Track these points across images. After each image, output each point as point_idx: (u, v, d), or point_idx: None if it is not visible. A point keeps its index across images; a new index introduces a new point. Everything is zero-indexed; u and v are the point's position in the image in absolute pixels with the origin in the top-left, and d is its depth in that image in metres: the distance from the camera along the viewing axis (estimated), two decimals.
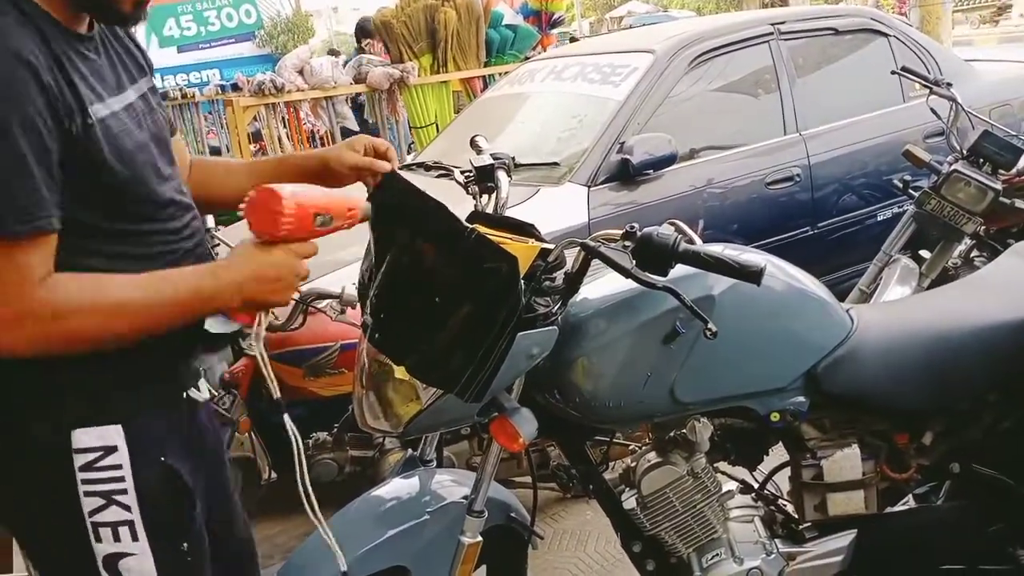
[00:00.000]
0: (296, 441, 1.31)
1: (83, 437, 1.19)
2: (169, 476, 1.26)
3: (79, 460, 1.19)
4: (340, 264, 2.60)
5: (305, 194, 1.26)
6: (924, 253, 3.12)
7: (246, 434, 2.46)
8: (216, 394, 1.55)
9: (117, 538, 1.21)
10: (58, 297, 1.09)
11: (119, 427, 1.21)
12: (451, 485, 1.68)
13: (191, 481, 1.30)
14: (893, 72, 3.41)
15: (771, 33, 3.62)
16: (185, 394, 1.34)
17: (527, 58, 5.79)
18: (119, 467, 1.20)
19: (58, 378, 1.18)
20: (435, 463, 1.88)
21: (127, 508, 1.21)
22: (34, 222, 1.06)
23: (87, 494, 1.19)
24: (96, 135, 1.13)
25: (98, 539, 1.21)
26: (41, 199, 1.07)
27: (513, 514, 1.70)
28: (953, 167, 2.88)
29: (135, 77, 1.31)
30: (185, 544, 1.29)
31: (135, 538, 1.22)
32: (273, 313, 2.45)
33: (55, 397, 1.19)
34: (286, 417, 1.32)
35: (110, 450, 1.20)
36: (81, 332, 1.12)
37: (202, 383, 1.39)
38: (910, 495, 1.76)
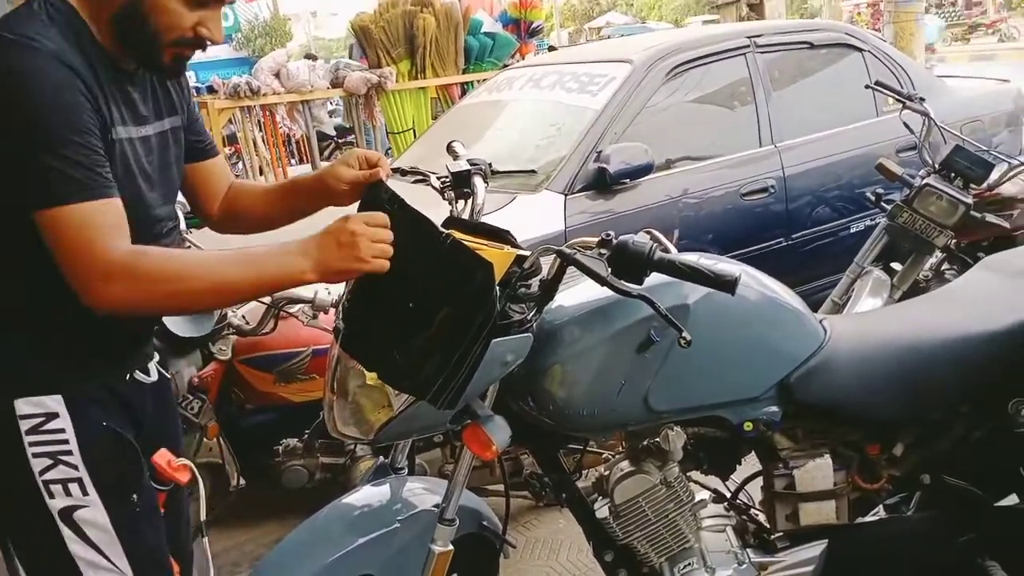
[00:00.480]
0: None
1: (24, 406, 1.31)
2: (113, 436, 1.38)
3: (24, 425, 1.31)
4: None
5: None
6: (896, 265, 3.15)
7: (214, 440, 2.42)
8: (168, 376, 1.62)
9: (68, 493, 1.33)
10: (141, 261, 1.22)
11: (59, 397, 1.32)
12: (422, 493, 1.66)
13: (136, 442, 1.41)
14: (867, 86, 3.45)
15: (747, 46, 3.65)
16: (129, 376, 1.45)
17: (505, 66, 5.80)
18: (62, 431, 1.32)
19: (4, 351, 1.32)
20: (406, 471, 1.86)
21: (74, 467, 1.33)
22: (105, 185, 1.22)
23: (35, 455, 1.31)
24: (113, 151, 1.28)
25: (51, 495, 1.33)
26: (105, 171, 1.23)
27: (485, 522, 1.69)
28: (925, 181, 2.91)
29: (163, 114, 1.44)
30: (135, 495, 1.40)
31: (85, 492, 1.34)
32: (244, 318, 2.43)
33: (1, 369, 1.32)
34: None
35: (51, 416, 1.32)
36: (162, 293, 1.24)
37: (152, 365, 1.52)
38: (881, 505, 1.77)
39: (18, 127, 1.18)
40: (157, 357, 1.56)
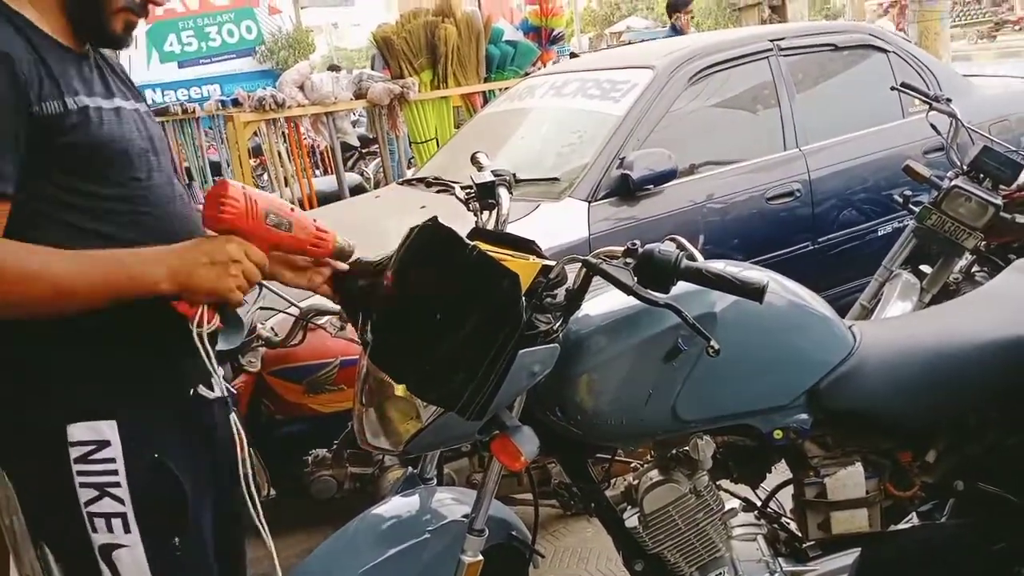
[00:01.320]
0: (240, 436, 1.32)
1: (76, 431, 1.25)
2: (163, 472, 1.31)
3: (74, 452, 1.25)
4: None
5: (261, 193, 1.27)
6: (925, 268, 3.12)
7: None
8: (233, 391, 1.57)
9: (111, 529, 1.28)
10: None
11: (112, 423, 1.26)
12: (451, 503, 1.67)
13: (190, 479, 1.34)
14: (892, 88, 3.42)
15: (770, 49, 3.63)
16: (192, 391, 1.39)
17: (527, 74, 5.81)
18: (112, 460, 1.27)
19: (56, 372, 1.25)
20: (435, 481, 1.87)
21: (120, 500, 1.27)
22: None
23: (82, 485, 1.26)
24: (73, 117, 1.23)
25: (94, 529, 1.27)
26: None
27: (514, 532, 1.69)
28: (953, 182, 2.88)
29: (127, 95, 1.40)
30: (177, 539, 1.33)
31: (127, 530, 1.28)
32: (273, 329, 2.45)
33: (53, 391, 1.26)
34: (232, 417, 1.33)
35: (103, 444, 1.26)
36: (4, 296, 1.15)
37: (215, 380, 1.40)
38: (914, 513, 1.75)
39: None
40: (222, 371, 1.44)
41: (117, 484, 1.27)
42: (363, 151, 8.35)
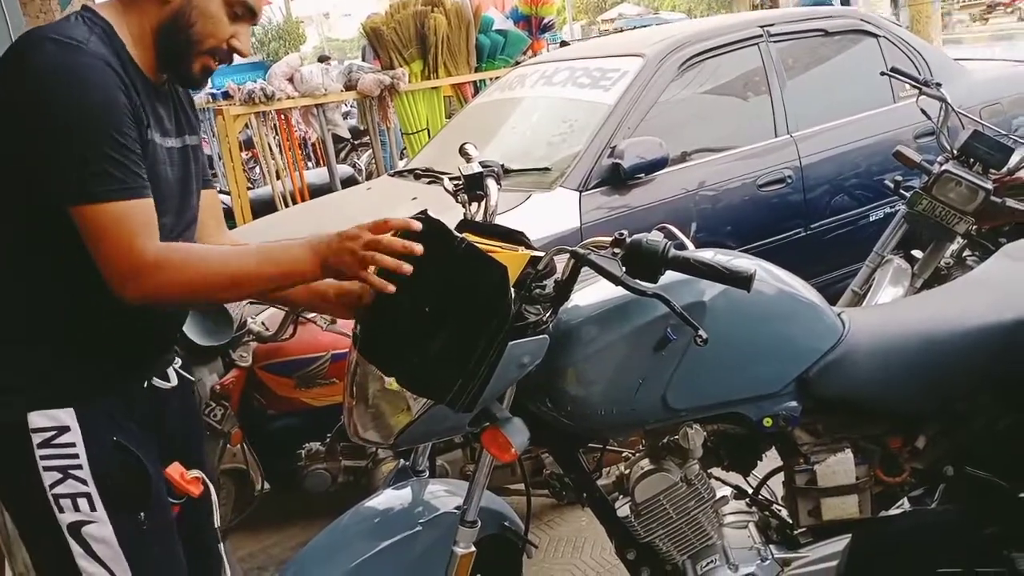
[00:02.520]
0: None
1: (37, 418, 1.33)
2: (122, 453, 1.38)
3: (36, 438, 1.33)
4: None
5: None
6: (916, 253, 3.12)
7: (238, 446, 2.44)
8: (191, 378, 1.64)
9: (77, 508, 1.34)
10: (170, 256, 1.28)
11: (70, 410, 1.34)
12: (444, 495, 1.67)
13: (148, 459, 1.41)
14: (883, 73, 3.41)
15: (760, 35, 3.62)
16: (146, 383, 1.48)
17: (518, 63, 5.79)
18: (72, 445, 1.34)
19: (17, 365, 1.35)
20: (428, 473, 1.87)
21: (83, 481, 1.34)
22: (142, 186, 1.27)
23: (46, 469, 1.33)
24: (146, 150, 1.33)
25: (60, 510, 1.34)
26: (142, 171, 1.28)
27: (507, 523, 1.69)
28: (944, 167, 2.88)
29: (184, 131, 1.50)
30: (142, 514, 1.40)
31: (93, 508, 1.35)
32: (263, 324, 2.45)
33: (13, 382, 1.34)
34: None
35: (63, 429, 1.33)
36: (189, 286, 1.30)
37: (171, 371, 1.54)
38: (904, 498, 1.75)
39: (65, 122, 1.22)
40: (179, 362, 1.58)
41: (79, 466, 1.34)
42: (355, 143, 8.33)
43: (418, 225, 1.30)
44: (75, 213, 1.25)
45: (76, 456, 1.34)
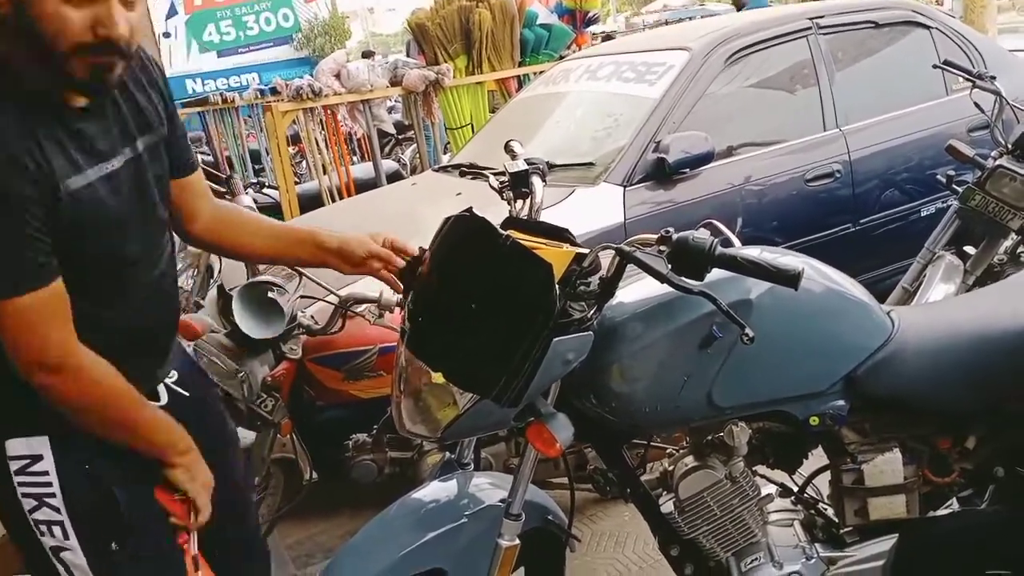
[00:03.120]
0: None
1: (15, 445, 1.33)
2: (94, 483, 1.37)
3: (13, 466, 1.34)
4: None
5: None
6: (969, 250, 3.06)
7: (287, 436, 2.50)
8: (184, 392, 1.59)
9: (53, 534, 1.35)
10: (91, 370, 1.28)
11: (44, 438, 1.34)
12: (489, 488, 1.69)
13: (126, 487, 1.40)
14: (935, 66, 3.34)
15: (809, 28, 3.57)
16: None
17: (562, 57, 5.78)
18: (46, 473, 1.34)
19: None
20: (472, 465, 1.89)
21: (56, 509, 1.35)
22: (36, 277, 1.21)
23: (23, 495, 1.34)
24: (65, 207, 1.23)
25: (41, 533, 1.36)
26: (44, 256, 1.21)
27: (550, 517, 1.71)
28: (998, 162, 2.83)
29: (133, 137, 1.37)
30: (114, 544, 1.39)
31: (67, 536, 1.35)
32: (313, 318, 2.50)
33: None
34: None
35: (36, 458, 1.34)
36: (86, 404, 1.30)
37: (161, 388, 1.51)
38: (953, 499, 1.73)
39: None
40: (175, 376, 1.55)
41: (52, 495, 1.34)
42: (399, 138, 8.40)
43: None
44: None
45: (50, 484, 1.34)
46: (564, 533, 1.71)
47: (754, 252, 1.38)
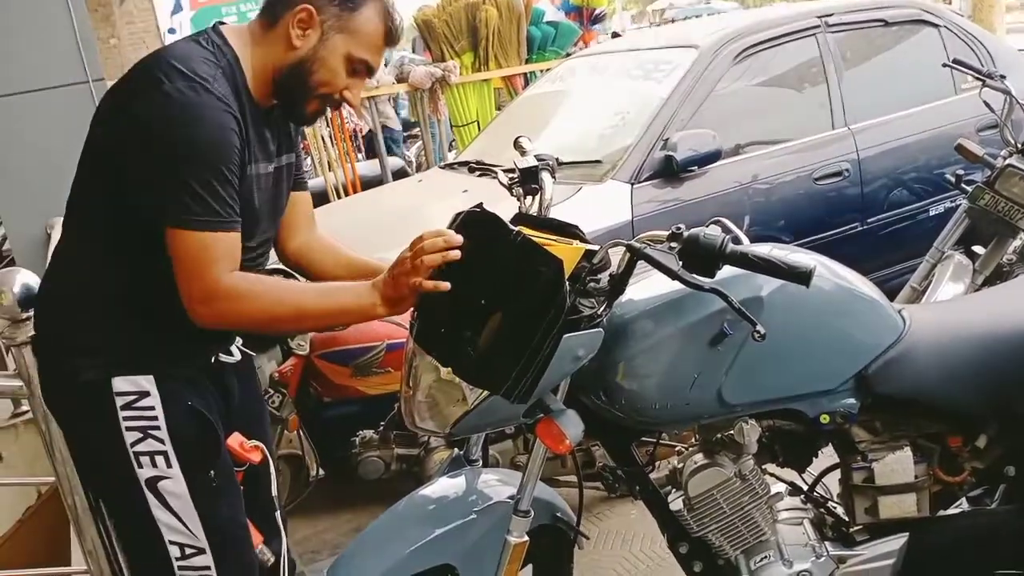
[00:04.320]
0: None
1: (121, 383, 1.45)
2: (196, 416, 1.50)
3: (119, 401, 1.45)
4: (383, 263, 2.63)
5: None
6: (978, 249, 3.05)
7: (295, 432, 2.50)
8: (251, 353, 1.77)
9: (155, 464, 1.47)
10: (240, 286, 1.38)
11: (151, 376, 1.46)
12: (497, 485, 1.69)
13: (218, 423, 1.54)
14: (944, 64, 3.33)
15: (818, 26, 3.56)
16: (214, 358, 1.61)
17: (568, 55, 5.77)
18: (152, 408, 1.46)
19: (104, 333, 1.46)
20: (481, 462, 1.89)
21: (160, 440, 1.46)
22: (229, 221, 1.37)
23: (128, 428, 1.45)
24: (247, 183, 1.44)
25: (139, 465, 1.46)
26: (233, 207, 1.38)
27: (559, 514, 1.70)
28: (1007, 161, 2.81)
29: (282, 151, 1.59)
30: (212, 472, 1.52)
31: (169, 464, 1.47)
32: None
33: (101, 349, 1.46)
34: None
35: (143, 394, 1.46)
36: (253, 316, 1.41)
37: (234, 348, 1.67)
38: (963, 498, 1.72)
39: (181, 154, 1.34)
40: (240, 340, 1.70)
41: (157, 427, 1.46)
42: (405, 135, 8.39)
43: (457, 239, 1.34)
44: (168, 233, 1.36)
45: (155, 418, 1.46)
46: (572, 530, 1.71)
47: (765, 249, 1.37)
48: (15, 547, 2.64)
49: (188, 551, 1.51)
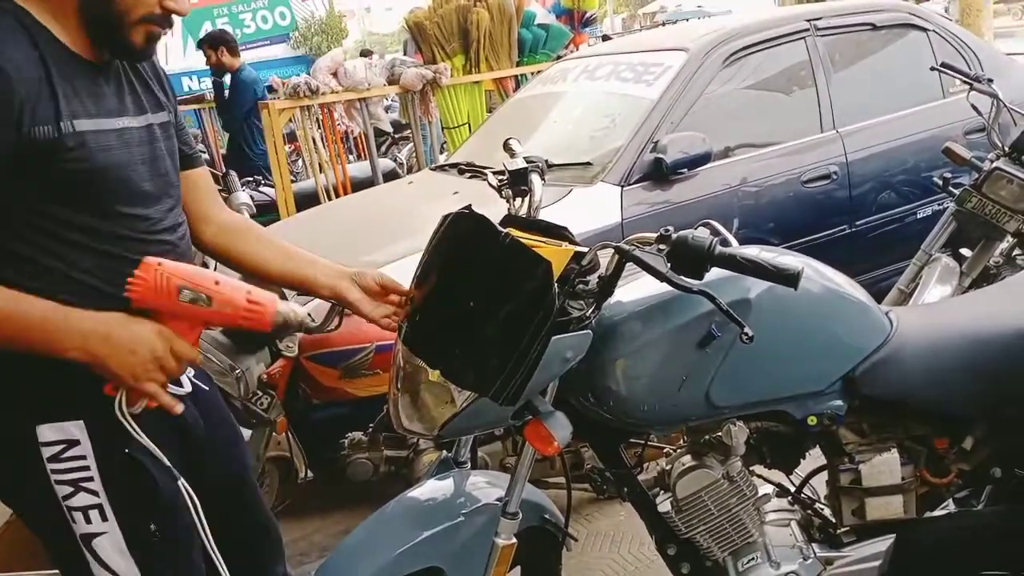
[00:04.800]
0: None
1: (47, 432, 1.30)
2: (132, 465, 1.34)
3: (46, 452, 1.31)
4: (372, 267, 2.63)
5: (179, 268, 1.25)
6: (965, 252, 3.07)
7: (283, 434, 2.49)
8: (204, 387, 1.61)
9: (88, 520, 1.33)
10: None
11: (80, 422, 1.31)
12: (485, 487, 1.69)
13: (160, 468, 1.35)
14: (932, 68, 3.35)
15: (807, 29, 3.58)
16: None
17: (559, 57, 5.78)
18: (83, 457, 1.32)
19: (24, 376, 1.28)
20: (469, 464, 1.89)
21: (94, 493, 1.33)
22: None
23: (57, 482, 1.31)
24: (67, 143, 1.24)
25: (73, 520, 1.33)
26: None
27: (547, 515, 1.71)
28: (995, 164, 2.84)
29: (145, 108, 1.42)
30: (152, 525, 1.38)
31: (104, 518, 1.33)
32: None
33: (22, 394, 1.30)
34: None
35: (73, 443, 1.31)
36: None
37: (184, 378, 1.48)
38: (950, 500, 1.73)
39: None
40: (191, 371, 1.53)
41: (90, 479, 1.32)
42: (396, 136, 8.39)
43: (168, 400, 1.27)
44: None
45: (87, 468, 1.32)
46: (561, 532, 1.71)
47: (753, 251, 1.38)
48: (3, 548, 2.62)
49: None
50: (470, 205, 1.42)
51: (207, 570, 1.45)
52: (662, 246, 1.34)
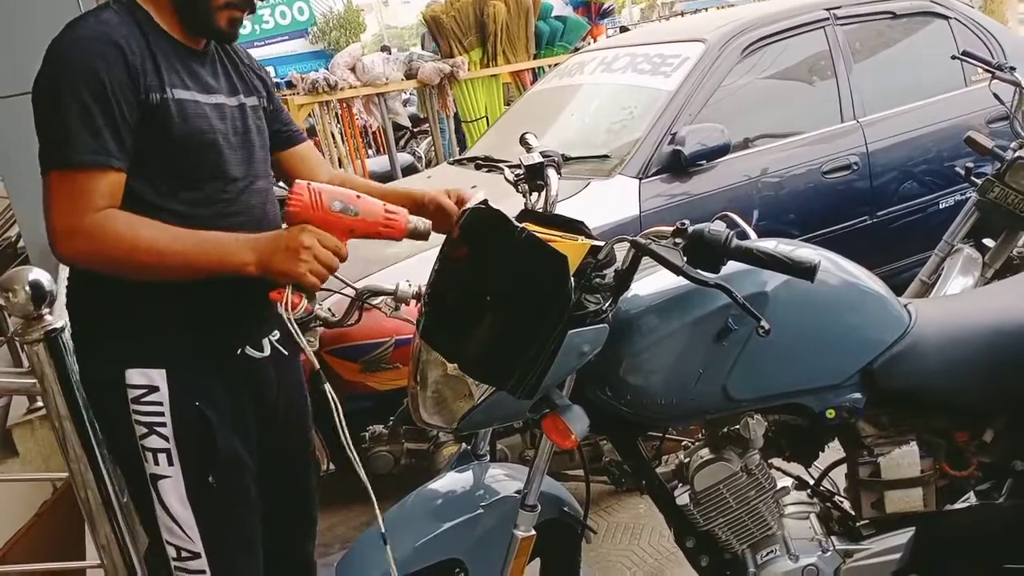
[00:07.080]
0: (335, 406, 1.46)
1: (133, 375, 1.46)
2: (201, 418, 1.49)
3: (131, 393, 1.46)
4: (391, 260, 2.65)
5: (326, 187, 1.45)
6: (987, 242, 3.03)
7: None
8: (284, 351, 1.71)
9: (157, 462, 1.48)
10: (105, 224, 1.35)
11: (163, 371, 1.46)
12: (504, 479, 1.70)
13: (227, 425, 1.52)
14: (954, 57, 3.31)
15: (827, 18, 3.55)
16: (240, 351, 1.57)
17: (577, 49, 5.77)
18: (160, 404, 1.46)
19: (122, 323, 1.46)
20: (488, 457, 1.90)
21: (165, 438, 1.48)
22: (93, 156, 1.33)
23: (136, 422, 1.47)
24: (170, 108, 1.41)
25: (146, 459, 1.49)
26: (103, 143, 1.34)
27: (566, 508, 1.71)
28: (1017, 153, 2.80)
29: (238, 91, 1.58)
30: (211, 476, 1.51)
31: (171, 463, 1.48)
32: (330, 310, 2.51)
33: (118, 339, 1.47)
34: (326, 386, 1.47)
35: (153, 389, 1.46)
36: (115, 256, 1.36)
37: (265, 341, 1.62)
38: (970, 492, 1.72)
39: (52, 88, 1.34)
40: (277, 335, 1.66)
41: (163, 424, 1.47)
42: (414, 131, 8.40)
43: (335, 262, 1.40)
44: (45, 179, 1.35)
45: (162, 414, 1.46)
46: (579, 525, 1.72)
47: (770, 245, 1.37)
48: (32, 541, 2.68)
49: (184, 554, 1.52)
50: (487, 200, 1.43)
51: (263, 532, 1.62)
52: (678, 240, 1.34)
